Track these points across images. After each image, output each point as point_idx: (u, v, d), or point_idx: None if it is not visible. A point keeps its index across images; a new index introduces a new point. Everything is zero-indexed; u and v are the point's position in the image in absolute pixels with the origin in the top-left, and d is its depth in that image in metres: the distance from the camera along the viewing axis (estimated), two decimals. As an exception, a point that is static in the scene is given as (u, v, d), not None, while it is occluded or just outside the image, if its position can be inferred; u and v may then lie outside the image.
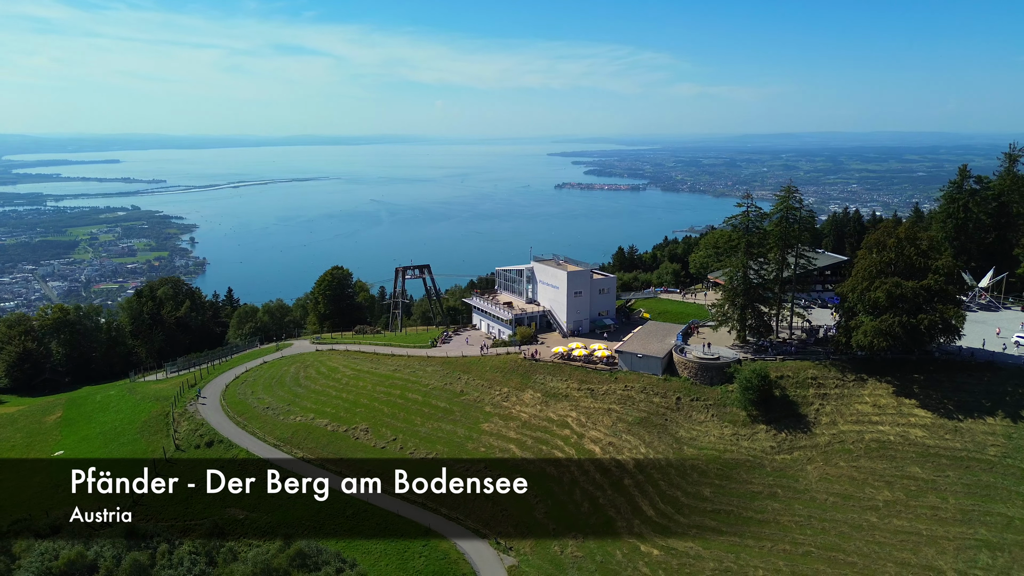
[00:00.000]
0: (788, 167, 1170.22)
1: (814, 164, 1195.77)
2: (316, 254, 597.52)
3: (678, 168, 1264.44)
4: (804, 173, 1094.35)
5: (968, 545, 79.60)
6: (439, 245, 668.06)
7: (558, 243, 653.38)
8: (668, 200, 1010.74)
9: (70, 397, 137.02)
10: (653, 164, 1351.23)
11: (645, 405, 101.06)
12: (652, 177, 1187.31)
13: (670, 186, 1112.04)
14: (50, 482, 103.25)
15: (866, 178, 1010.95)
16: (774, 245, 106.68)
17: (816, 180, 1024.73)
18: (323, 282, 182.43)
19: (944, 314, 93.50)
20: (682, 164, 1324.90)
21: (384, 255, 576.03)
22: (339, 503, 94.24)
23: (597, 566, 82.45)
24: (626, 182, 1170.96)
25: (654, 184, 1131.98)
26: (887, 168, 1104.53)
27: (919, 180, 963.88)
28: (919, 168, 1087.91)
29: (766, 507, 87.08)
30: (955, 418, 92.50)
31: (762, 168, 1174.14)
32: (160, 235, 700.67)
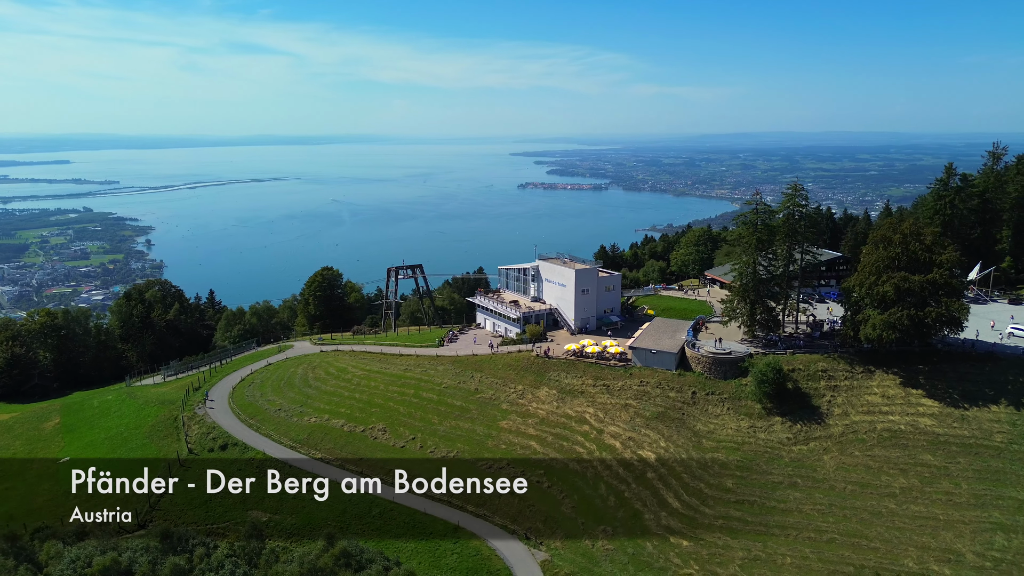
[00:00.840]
0: (746, 166, 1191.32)
1: (771, 163, 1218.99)
2: (279, 255, 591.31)
3: (639, 168, 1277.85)
4: (761, 172, 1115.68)
5: (984, 528, 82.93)
6: (404, 245, 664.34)
7: (524, 243, 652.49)
8: (630, 199, 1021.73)
9: (65, 403, 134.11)
10: (615, 164, 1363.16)
11: (661, 400, 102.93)
12: (614, 177, 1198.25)
13: (632, 185, 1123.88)
14: (60, 488, 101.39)
15: (821, 177, 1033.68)
16: (782, 241, 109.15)
17: (773, 179, 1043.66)
18: (313, 283, 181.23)
19: (949, 307, 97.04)
20: (643, 164, 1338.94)
21: (349, 255, 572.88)
22: (364, 503, 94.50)
23: (629, 558, 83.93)
24: (588, 181, 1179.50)
25: (616, 183, 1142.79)
26: (841, 167, 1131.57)
27: (872, 179, 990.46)
28: (871, 167, 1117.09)
29: (788, 497, 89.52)
30: (961, 407, 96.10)
31: (720, 167, 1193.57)
32: (114, 237, 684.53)
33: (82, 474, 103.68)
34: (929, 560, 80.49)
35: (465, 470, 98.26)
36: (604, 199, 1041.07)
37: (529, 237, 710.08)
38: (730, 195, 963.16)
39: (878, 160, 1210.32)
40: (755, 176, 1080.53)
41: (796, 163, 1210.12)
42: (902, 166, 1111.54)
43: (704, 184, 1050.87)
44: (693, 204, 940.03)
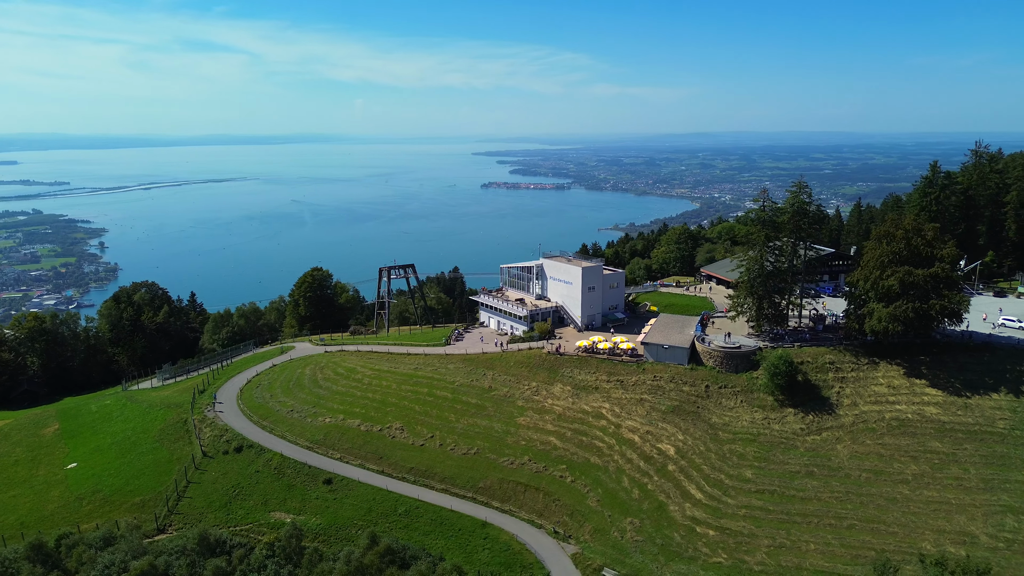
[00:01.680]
0: (705, 165, 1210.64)
1: (729, 162, 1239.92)
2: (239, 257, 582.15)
3: (601, 167, 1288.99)
4: (720, 171, 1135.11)
5: (994, 511, 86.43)
6: (369, 246, 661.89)
7: (491, 243, 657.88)
8: (593, 198, 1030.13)
9: (59, 409, 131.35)
10: (576, 163, 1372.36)
11: (676, 394, 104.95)
12: (576, 176, 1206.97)
13: (594, 185, 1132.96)
14: (71, 495, 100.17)
15: (778, 175, 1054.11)
16: (787, 237, 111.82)
17: (731, 178, 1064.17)
18: (303, 284, 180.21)
19: (951, 299, 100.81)
20: (604, 163, 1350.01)
21: (307, 256, 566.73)
22: (388, 502, 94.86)
23: (659, 548, 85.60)
24: (551, 181, 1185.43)
25: (578, 183, 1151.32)
26: (796, 166, 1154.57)
27: (826, 177, 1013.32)
28: (825, 166, 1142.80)
29: (806, 485, 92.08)
30: (963, 395, 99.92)
31: (680, 167, 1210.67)
32: (66, 240, 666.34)
33: (93, 479, 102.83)
34: (945, 542, 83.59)
35: (487, 467, 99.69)
36: (567, 198, 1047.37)
37: (494, 237, 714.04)
38: (690, 194, 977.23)
39: (832, 159, 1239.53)
40: (714, 175, 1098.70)
41: (754, 162, 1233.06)
42: (855, 165, 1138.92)
43: (665, 183, 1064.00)
44: (654, 203, 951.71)
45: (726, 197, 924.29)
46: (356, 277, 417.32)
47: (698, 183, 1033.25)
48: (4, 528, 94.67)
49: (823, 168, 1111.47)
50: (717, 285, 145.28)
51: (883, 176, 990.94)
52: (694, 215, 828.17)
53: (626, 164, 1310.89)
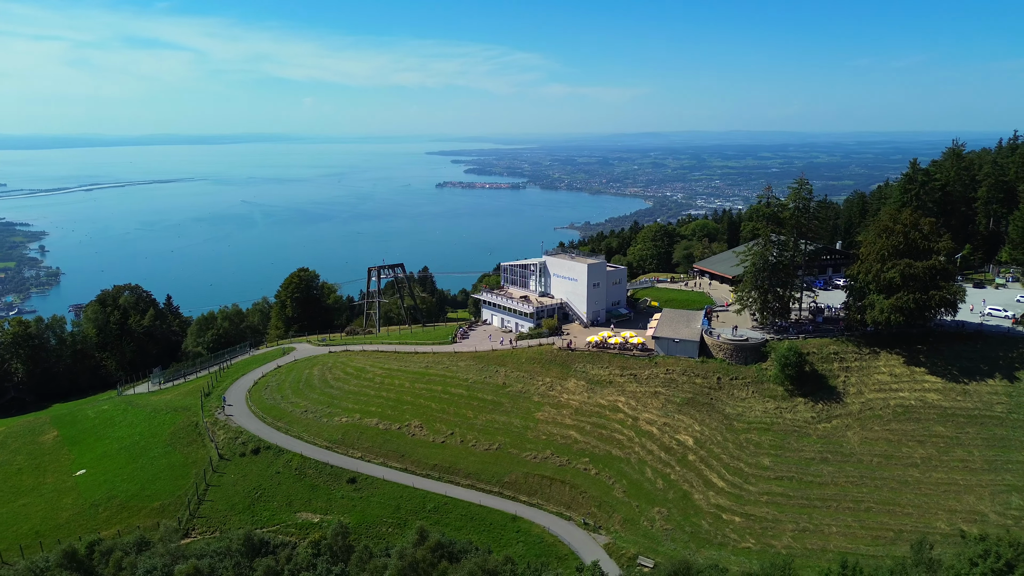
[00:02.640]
0: (657, 164, 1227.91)
1: (680, 162, 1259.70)
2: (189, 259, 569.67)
3: (555, 166, 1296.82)
4: (671, 170, 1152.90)
5: (1000, 490, 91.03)
6: (323, 247, 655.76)
7: (446, 243, 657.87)
8: (548, 198, 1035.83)
9: (53, 415, 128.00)
10: (531, 163, 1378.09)
11: (689, 386, 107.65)
12: (531, 175, 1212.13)
13: (549, 184, 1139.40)
14: (85, 502, 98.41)
15: (727, 174, 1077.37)
16: (790, 232, 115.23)
17: (683, 177, 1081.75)
18: (289, 285, 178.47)
19: (949, 291, 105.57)
20: (558, 163, 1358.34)
21: (261, 258, 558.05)
22: (416, 499, 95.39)
23: (689, 536, 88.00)
24: (506, 180, 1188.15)
25: (533, 182, 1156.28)
26: (745, 165, 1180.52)
27: (773, 175, 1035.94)
28: (773, 164, 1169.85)
29: (822, 471, 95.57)
30: (961, 382, 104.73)
31: (633, 166, 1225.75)
32: (3, 244, 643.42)
33: (106, 486, 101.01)
34: (958, 521, 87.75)
35: (510, 462, 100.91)
36: (522, 198, 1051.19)
37: (452, 236, 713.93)
38: (643, 193, 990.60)
39: (778, 158, 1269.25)
40: (666, 174, 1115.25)
41: (704, 161, 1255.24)
42: (800, 163, 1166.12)
43: (618, 182, 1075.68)
44: (609, 202, 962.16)
45: (678, 196, 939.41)
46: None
47: (650, 182, 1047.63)
48: (19, 537, 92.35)
49: (770, 167, 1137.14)
50: (712, 280, 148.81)
51: (827, 175, 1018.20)
52: (647, 213, 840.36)
53: (580, 164, 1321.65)
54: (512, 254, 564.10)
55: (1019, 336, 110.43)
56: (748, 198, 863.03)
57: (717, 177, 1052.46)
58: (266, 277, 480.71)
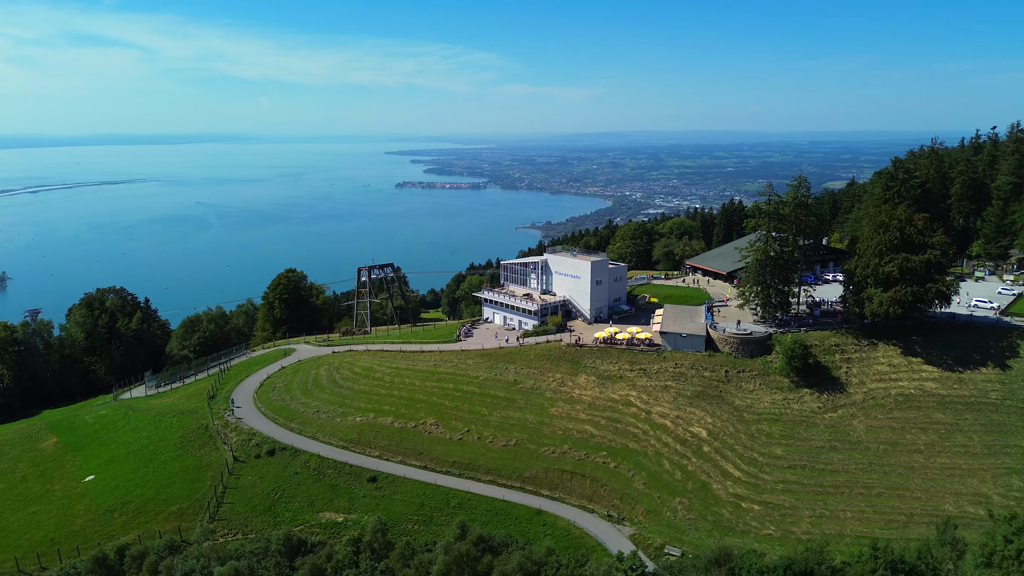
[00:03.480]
0: (616, 164, 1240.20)
1: (638, 161, 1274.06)
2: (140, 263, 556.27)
3: (515, 166, 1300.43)
4: (630, 170, 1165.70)
5: (1000, 473, 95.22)
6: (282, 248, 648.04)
7: (407, 243, 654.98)
8: (508, 197, 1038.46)
9: (48, 422, 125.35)
10: (491, 162, 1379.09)
11: (698, 380, 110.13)
12: (491, 175, 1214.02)
13: (509, 184, 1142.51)
14: (98, 507, 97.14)
15: (684, 173, 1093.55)
16: (790, 228, 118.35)
17: (641, 176, 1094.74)
18: (277, 286, 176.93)
19: (943, 283, 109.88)
20: (518, 162, 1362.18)
21: (217, 260, 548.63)
22: (439, 496, 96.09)
23: (711, 525, 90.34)
24: (467, 180, 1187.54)
25: (494, 182, 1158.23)
26: (701, 164, 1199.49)
27: (729, 175, 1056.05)
28: (728, 164, 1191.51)
29: (832, 459, 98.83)
30: (956, 371, 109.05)
31: (592, 166, 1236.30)
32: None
33: (119, 491, 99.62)
34: (964, 504, 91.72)
35: (529, 457, 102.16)
36: (483, 197, 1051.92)
37: (413, 237, 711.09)
38: (603, 192, 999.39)
39: (733, 157, 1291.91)
40: (624, 174, 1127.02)
41: (661, 160, 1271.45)
42: (755, 163, 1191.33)
43: (578, 182, 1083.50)
44: (569, 201, 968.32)
45: (637, 195, 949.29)
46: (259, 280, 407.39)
47: (610, 182, 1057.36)
48: (34, 545, 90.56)
49: (726, 166, 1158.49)
50: (705, 276, 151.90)
51: (781, 173, 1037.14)
52: (607, 213, 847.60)
53: (540, 163, 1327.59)
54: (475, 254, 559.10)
55: (1007, 326, 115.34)
56: (705, 197, 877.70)
57: (674, 176, 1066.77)
58: (226, 279, 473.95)
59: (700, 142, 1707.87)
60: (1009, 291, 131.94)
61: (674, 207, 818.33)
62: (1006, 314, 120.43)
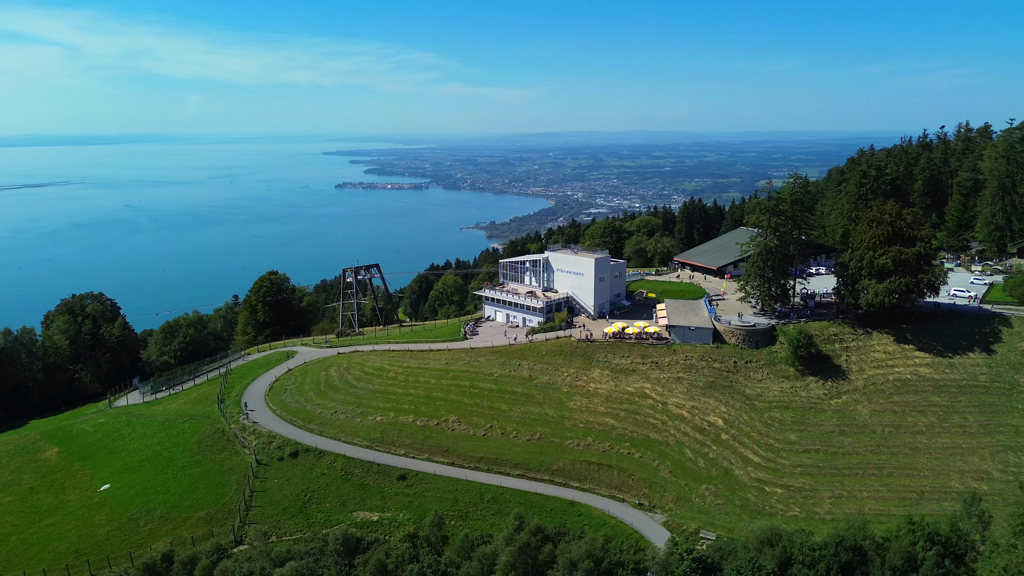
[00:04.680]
0: (557, 164, 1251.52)
1: (579, 161, 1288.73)
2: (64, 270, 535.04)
3: (457, 166, 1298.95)
4: (571, 170, 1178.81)
5: (997, 450, 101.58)
6: (219, 251, 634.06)
7: (350, 244, 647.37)
8: (451, 198, 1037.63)
9: (41, 432, 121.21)
10: (432, 163, 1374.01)
11: (708, 371, 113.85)
12: (433, 176, 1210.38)
13: (451, 184, 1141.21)
14: (121, 516, 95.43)
15: (624, 173, 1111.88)
16: (787, 223, 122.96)
17: (582, 176, 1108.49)
18: (260, 288, 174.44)
19: (933, 274, 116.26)
20: (460, 163, 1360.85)
21: (149, 265, 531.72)
22: (472, 491, 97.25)
23: (740, 509, 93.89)
24: (408, 181, 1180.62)
25: (436, 182, 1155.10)
26: (640, 164, 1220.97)
27: (667, 174, 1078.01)
28: (665, 164, 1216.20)
29: (843, 443, 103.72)
30: (946, 356, 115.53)
31: (534, 166, 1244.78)
32: None
33: (140, 498, 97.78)
34: (968, 480, 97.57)
35: (555, 450, 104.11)
36: (425, 198, 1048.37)
37: (355, 238, 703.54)
38: (545, 192, 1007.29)
39: (670, 157, 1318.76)
40: (566, 174, 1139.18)
41: (601, 160, 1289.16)
42: (691, 162, 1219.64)
43: (520, 182, 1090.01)
44: (512, 201, 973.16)
45: (578, 195, 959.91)
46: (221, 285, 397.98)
47: (551, 182, 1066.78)
48: (58, 557, 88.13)
49: (664, 166, 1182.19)
50: (693, 272, 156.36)
51: (716, 172, 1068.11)
52: (550, 212, 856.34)
53: (482, 164, 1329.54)
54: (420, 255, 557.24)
55: (988, 314, 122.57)
56: (644, 196, 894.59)
57: (614, 176, 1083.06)
58: (163, 285, 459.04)
59: (638, 142, 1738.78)
60: (981, 281, 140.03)
61: (615, 206, 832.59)
62: (984, 302, 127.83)
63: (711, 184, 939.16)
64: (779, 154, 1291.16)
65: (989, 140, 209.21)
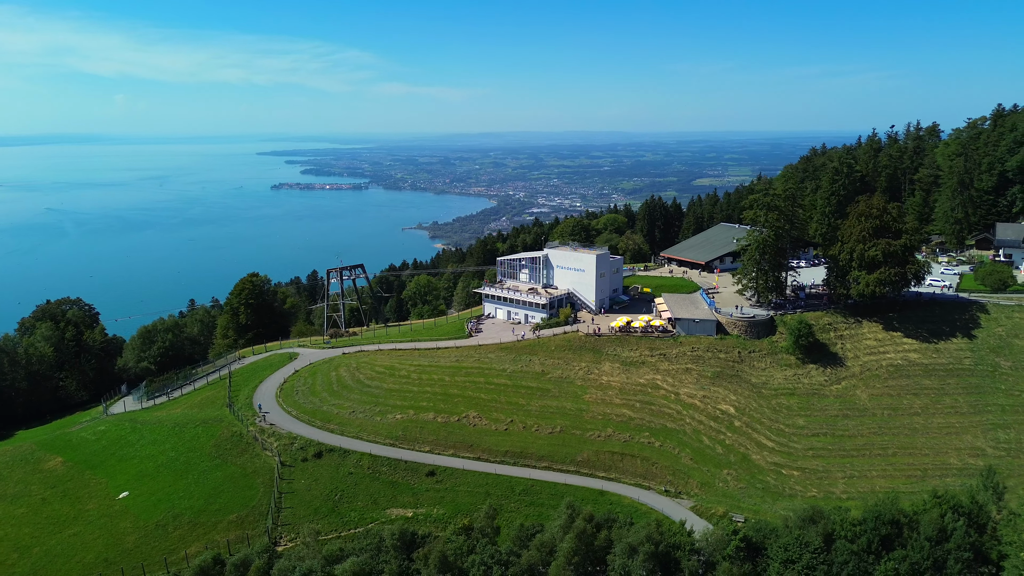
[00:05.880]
0: (498, 164, 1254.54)
1: (519, 161, 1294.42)
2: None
3: (396, 166, 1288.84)
4: (512, 170, 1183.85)
5: (987, 428, 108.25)
6: (153, 255, 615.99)
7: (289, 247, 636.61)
8: (392, 198, 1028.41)
9: (37, 442, 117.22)
10: (371, 163, 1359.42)
11: (715, 361, 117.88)
12: (373, 176, 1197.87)
13: (391, 184, 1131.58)
14: (147, 523, 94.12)
15: (564, 173, 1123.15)
16: (781, 218, 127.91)
17: (523, 176, 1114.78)
18: (242, 291, 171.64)
19: (918, 265, 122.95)
20: (400, 163, 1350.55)
21: (73, 272, 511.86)
22: (502, 484, 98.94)
23: (762, 492, 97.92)
24: (347, 181, 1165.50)
25: (376, 183, 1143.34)
26: (579, 164, 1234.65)
27: (606, 174, 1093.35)
28: (604, 163, 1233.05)
29: (847, 426, 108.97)
30: (932, 342, 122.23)
31: (475, 166, 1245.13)
32: None
33: (164, 504, 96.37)
34: (965, 456, 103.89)
35: (577, 442, 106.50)
36: (365, 198, 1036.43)
37: (294, 240, 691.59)
38: (487, 192, 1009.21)
39: (609, 157, 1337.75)
40: (507, 174, 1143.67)
41: (541, 160, 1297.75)
42: (629, 162, 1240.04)
43: (462, 182, 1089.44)
44: (454, 201, 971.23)
45: (520, 194, 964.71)
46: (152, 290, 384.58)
47: (493, 181, 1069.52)
48: (86, 568, 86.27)
49: (603, 166, 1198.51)
50: (679, 267, 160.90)
51: (653, 172, 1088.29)
52: (493, 212, 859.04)
53: (422, 163, 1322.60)
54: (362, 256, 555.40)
55: (965, 301, 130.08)
56: (585, 196, 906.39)
57: (555, 176, 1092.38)
58: (93, 292, 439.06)
59: (577, 142, 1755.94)
60: (951, 271, 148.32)
61: (556, 206, 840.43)
62: (960, 291, 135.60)
63: (649, 183, 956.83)
64: (713, 154, 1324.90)
65: (938, 139, 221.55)
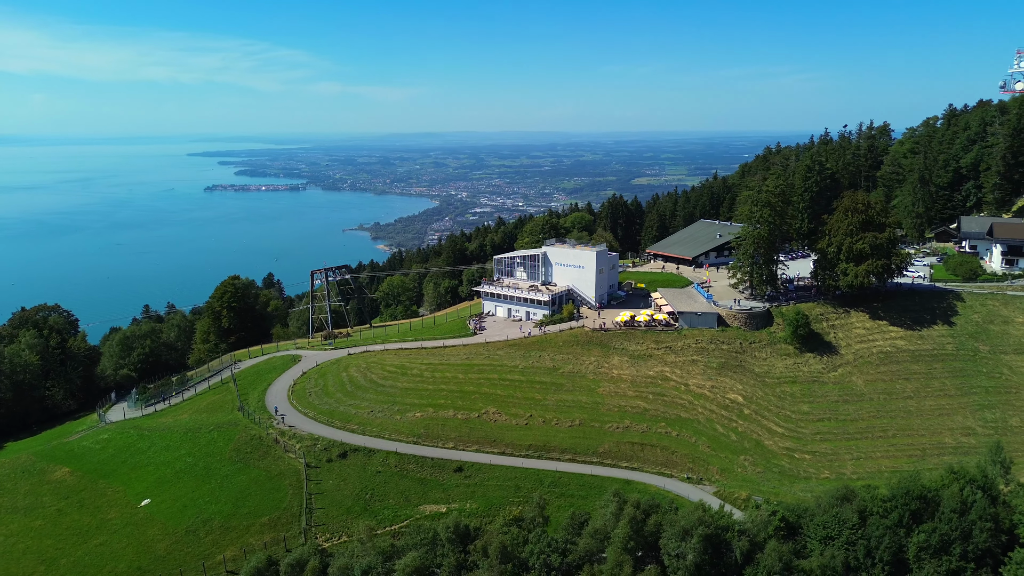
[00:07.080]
0: (438, 164, 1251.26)
1: (460, 161, 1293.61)
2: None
3: (335, 167, 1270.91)
4: (453, 170, 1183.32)
5: (975, 409, 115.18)
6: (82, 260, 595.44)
7: (225, 251, 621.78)
8: (331, 199, 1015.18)
9: (34, 453, 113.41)
10: (308, 163, 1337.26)
11: (719, 353, 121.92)
12: (310, 176, 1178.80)
13: (330, 185, 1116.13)
14: (177, 529, 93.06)
15: (505, 173, 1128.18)
16: (774, 214, 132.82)
17: (464, 176, 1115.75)
18: (224, 294, 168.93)
19: (901, 257, 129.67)
20: (338, 163, 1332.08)
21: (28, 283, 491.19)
22: (530, 478, 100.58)
23: (779, 475, 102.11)
24: (284, 182, 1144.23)
25: (314, 183, 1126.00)
26: (520, 164, 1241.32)
27: (547, 173, 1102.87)
28: (544, 163, 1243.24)
29: (848, 411, 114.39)
30: (915, 329, 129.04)
31: (415, 166, 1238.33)
32: None
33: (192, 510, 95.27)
34: (958, 436, 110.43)
35: (597, 434, 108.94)
36: (303, 200, 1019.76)
37: (231, 243, 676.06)
38: (429, 192, 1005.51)
39: (549, 157, 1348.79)
40: (448, 174, 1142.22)
41: (482, 160, 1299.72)
42: (569, 162, 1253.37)
43: (402, 182, 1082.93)
44: (395, 202, 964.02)
45: (463, 194, 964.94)
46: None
47: (434, 181, 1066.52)
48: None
49: (543, 165, 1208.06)
50: (666, 262, 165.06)
51: (593, 171, 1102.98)
52: (435, 212, 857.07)
53: (361, 164, 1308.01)
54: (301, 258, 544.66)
55: (941, 291, 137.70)
56: (527, 195, 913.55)
57: (496, 176, 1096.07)
58: (15, 300, 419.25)
59: (517, 142, 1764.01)
60: (921, 262, 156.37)
61: (499, 205, 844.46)
62: (935, 280, 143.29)
63: (589, 183, 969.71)
64: (650, 153, 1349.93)
65: (890, 138, 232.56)
